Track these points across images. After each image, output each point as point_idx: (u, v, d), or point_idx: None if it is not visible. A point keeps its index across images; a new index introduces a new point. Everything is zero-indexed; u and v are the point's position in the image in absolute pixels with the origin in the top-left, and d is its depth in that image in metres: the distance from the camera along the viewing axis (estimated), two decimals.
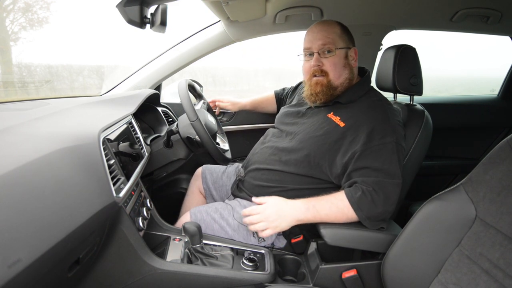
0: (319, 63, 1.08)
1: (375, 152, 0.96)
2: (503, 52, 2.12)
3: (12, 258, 0.42)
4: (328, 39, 1.06)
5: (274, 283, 0.92)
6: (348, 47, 1.10)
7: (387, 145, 0.97)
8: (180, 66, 1.59)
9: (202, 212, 1.11)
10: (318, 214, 0.95)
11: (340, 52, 1.08)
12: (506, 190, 0.67)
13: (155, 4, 0.92)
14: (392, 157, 0.96)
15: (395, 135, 0.98)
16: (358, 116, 1.03)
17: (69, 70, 2.24)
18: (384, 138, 0.97)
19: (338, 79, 1.09)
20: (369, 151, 0.97)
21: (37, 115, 0.84)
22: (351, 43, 1.12)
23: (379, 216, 0.95)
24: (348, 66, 1.10)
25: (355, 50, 1.12)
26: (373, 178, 0.95)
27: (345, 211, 0.95)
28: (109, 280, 0.85)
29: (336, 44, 1.07)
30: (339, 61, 1.08)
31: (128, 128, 1.09)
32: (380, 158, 0.96)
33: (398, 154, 0.98)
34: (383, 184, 0.94)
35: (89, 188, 0.63)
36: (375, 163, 0.95)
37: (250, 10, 1.33)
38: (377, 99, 1.09)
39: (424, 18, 1.58)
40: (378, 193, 0.93)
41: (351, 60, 1.11)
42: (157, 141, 1.28)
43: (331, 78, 1.08)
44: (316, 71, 1.09)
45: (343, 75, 1.09)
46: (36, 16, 2.04)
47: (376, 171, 0.95)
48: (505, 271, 0.63)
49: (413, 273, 0.79)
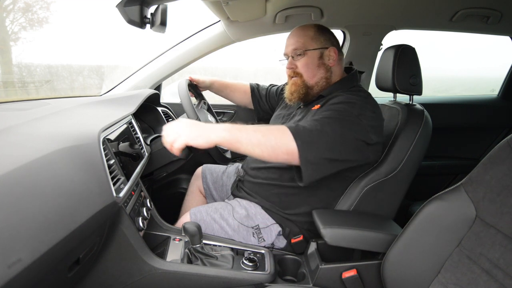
0: (292, 65, 1.14)
1: (327, 111, 0.97)
2: (503, 52, 2.12)
3: (12, 258, 0.42)
4: (299, 43, 1.11)
5: (274, 283, 0.92)
6: (325, 47, 1.11)
7: (341, 111, 0.96)
8: (180, 66, 1.59)
9: (202, 212, 1.11)
10: (239, 133, 0.86)
11: (312, 53, 1.10)
12: (506, 190, 0.67)
13: (155, 4, 0.92)
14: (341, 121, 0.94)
15: (356, 108, 0.97)
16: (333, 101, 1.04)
17: (69, 70, 2.24)
18: (341, 104, 0.99)
19: (313, 78, 1.12)
20: (325, 111, 0.98)
21: (37, 115, 0.84)
22: (330, 43, 1.13)
23: (315, 157, 0.89)
24: (323, 66, 1.12)
25: (334, 49, 1.12)
26: (315, 122, 0.93)
27: (279, 136, 0.88)
28: (109, 280, 0.85)
29: (307, 46, 1.10)
30: (312, 62, 1.11)
31: (128, 128, 1.09)
32: (328, 112, 0.96)
33: (349, 123, 0.94)
34: (322, 130, 0.91)
35: (89, 188, 0.63)
36: (319, 115, 0.96)
37: (250, 10, 1.33)
38: (357, 90, 1.10)
39: (424, 18, 1.58)
40: (319, 135, 0.90)
41: (328, 60, 1.12)
42: (157, 141, 1.28)
43: (305, 79, 1.12)
44: (291, 73, 1.15)
45: (318, 74, 1.12)
46: (36, 16, 2.04)
47: (317, 121, 0.93)
48: (505, 271, 0.63)
49: (413, 273, 0.79)
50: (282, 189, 1.09)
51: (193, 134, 0.87)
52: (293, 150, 0.87)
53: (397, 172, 1.08)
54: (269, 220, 1.08)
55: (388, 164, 1.08)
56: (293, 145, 0.87)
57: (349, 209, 1.07)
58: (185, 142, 0.86)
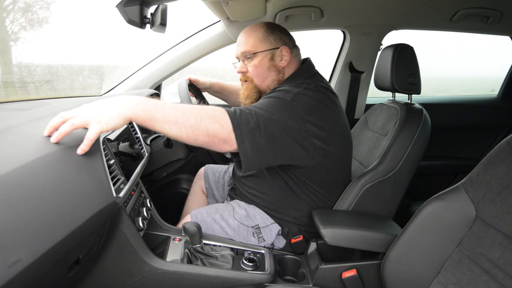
0: (243, 69, 1.09)
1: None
2: (503, 52, 2.13)
3: (12, 258, 0.42)
4: (247, 46, 1.05)
5: (274, 283, 0.92)
6: (275, 48, 1.05)
7: (273, 97, 0.93)
8: (180, 66, 1.59)
9: (202, 213, 1.11)
10: (155, 110, 0.75)
11: (262, 55, 1.05)
12: (506, 190, 0.67)
13: (155, 4, 0.92)
14: (270, 103, 0.90)
15: (290, 95, 0.93)
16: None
17: (69, 70, 2.24)
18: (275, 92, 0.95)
19: (264, 82, 1.07)
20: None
21: (37, 115, 0.84)
22: (281, 43, 1.06)
23: (240, 122, 0.83)
24: (274, 68, 1.06)
25: (286, 49, 1.05)
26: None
27: (205, 110, 0.80)
28: (109, 280, 0.85)
29: (256, 49, 1.05)
30: (262, 65, 1.05)
31: (128, 128, 1.09)
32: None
33: (279, 104, 0.90)
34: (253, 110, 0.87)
35: (89, 188, 0.63)
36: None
37: (250, 10, 1.33)
38: (302, 83, 1.00)
39: (424, 18, 1.58)
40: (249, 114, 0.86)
41: (280, 61, 1.06)
42: (157, 141, 1.28)
43: (256, 83, 1.08)
44: (242, 77, 1.10)
45: (269, 77, 1.06)
46: (36, 16, 2.04)
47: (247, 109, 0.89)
48: (505, 271, 0.63)
49: (413, 273, 0.79)
50: (272, 194, 1.09)
51: (99, 114, 0.69)
52: (214, 132, 0.79)
53: (396, 171, 1.08)
54: (268, 220, 1.09)
55: (387, 163, 1.08)
56: (214, 127, 0.79)
57: (348, 208, 1.07)
58: (96, 131, 0.68)
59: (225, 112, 0.83)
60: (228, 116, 0.82)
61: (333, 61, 1.87)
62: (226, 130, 0.81)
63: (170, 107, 0.77)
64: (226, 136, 0.81)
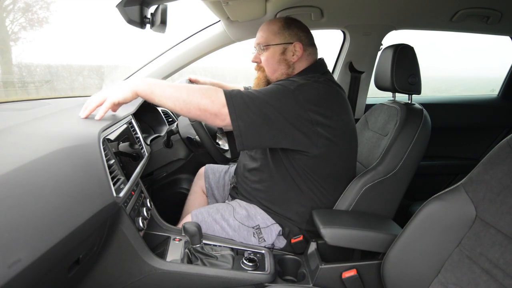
0: (256, 59, 1.16)
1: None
2: (503, 52, 2.13)
3: (12, 258, 0.42)
4: (262, 38, 1.11)
5: (274, 283, 0.92)
6: (289, 43, 1.09)
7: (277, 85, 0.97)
8: (180, 66, 1.59)
9: (203, 213, 1.11)
10: (154, 86, 0.90)
11: (274, 48, 1.10)
12: (506, 190, 0.67)
13: (155, 4, 0.92)
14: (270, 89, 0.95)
15: (294, 84, 0.96)
16: None
17: (69, 70, 2.24)
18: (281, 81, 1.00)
19: (273, 74, 1.12)
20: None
21: (37, 115, 0.84)
22: (296, 39, 1.09)
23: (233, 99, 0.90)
24: (285, 62, 1.10)
25: (300, 45, 1.08)
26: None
27: (199, 87, 0.91)
28: (109, 280, 0.85)
29: (270, 41, 1.10)
30: (273, 57, 1.10)
31: (128, 128, 1.09)
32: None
33: (280, 92, 0.94)
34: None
35: (89, 188, 0.63)
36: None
37: (250, 10, 1.33)
38: (312, 77, 1.04)
39: (424, 18, 1.58)
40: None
41: (292, 56, 1.09)
42: (157, 141, 1.28)
43: (267, 73, 1.14)
44: (255, 67, 1.18)
45: (278, 70, 1.11)
46: (36, 16, 2.04)
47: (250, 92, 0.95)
48: (505, 271, 0.63)
49: (413, 273, 0.79)
50: (275, 188, 1.09)
51: (115, 90, 0.90)
52: (205, 106, 0.89)
53: (396, 171, 1.08)
54: (269, 220, 1.09)
55: (387, 163, 1.08)
56: (205, 102, 0.89)
57: (348, 208, 1.07)
58: (111, 101, 0.89)
59: (221, 91, 0.91)
60: (223, 94, 0.90)
61: (333, 61, 1.87)
62: (217, 105, 0.89)
63: (167, 85, 0.91)
64: (216, 110, 0.89)
